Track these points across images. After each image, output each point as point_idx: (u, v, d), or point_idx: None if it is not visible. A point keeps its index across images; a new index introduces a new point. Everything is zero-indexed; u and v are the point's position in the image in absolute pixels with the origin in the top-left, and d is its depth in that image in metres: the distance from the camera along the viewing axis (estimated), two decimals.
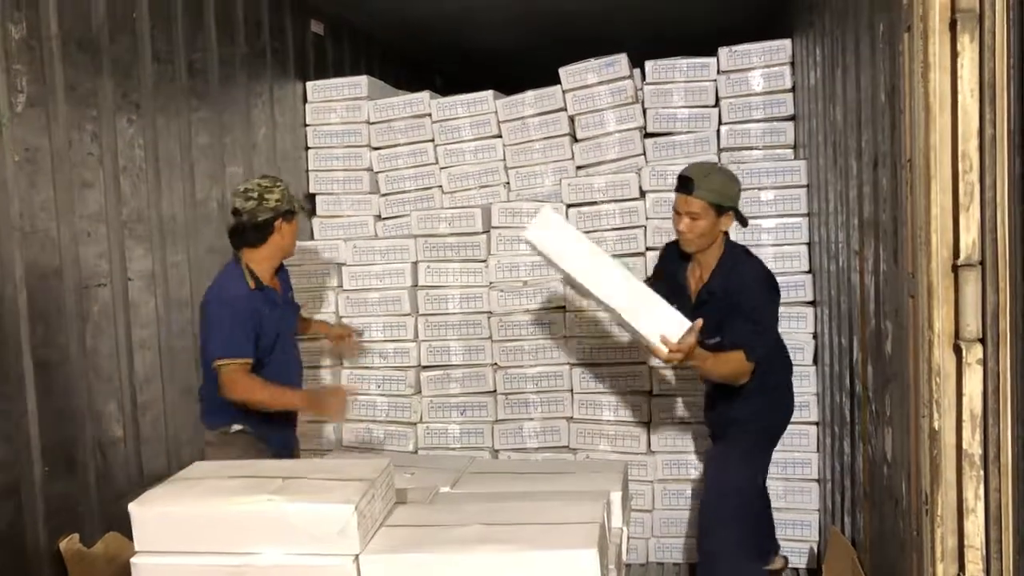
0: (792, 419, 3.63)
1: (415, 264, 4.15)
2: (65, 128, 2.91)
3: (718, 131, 4.08)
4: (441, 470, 3.06)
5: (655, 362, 3.73)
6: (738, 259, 3.12)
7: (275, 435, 3.16)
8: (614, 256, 3.90)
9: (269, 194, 3.07)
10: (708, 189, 2.99)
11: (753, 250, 3.81)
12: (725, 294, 3.04)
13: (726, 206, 3.04)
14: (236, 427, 3.07)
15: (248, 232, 3.08)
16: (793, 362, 3.61)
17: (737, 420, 3.15)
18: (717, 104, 4.10)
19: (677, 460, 3.85)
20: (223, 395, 2.98)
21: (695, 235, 3.04)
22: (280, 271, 3.26)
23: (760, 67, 4.05)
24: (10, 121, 2.68)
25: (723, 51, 4.07)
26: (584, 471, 3.14)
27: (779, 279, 3.76)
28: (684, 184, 3.02)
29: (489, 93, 4.32)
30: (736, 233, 3.84)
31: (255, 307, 3.05)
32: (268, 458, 3.04)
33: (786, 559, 3.72)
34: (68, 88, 2.92)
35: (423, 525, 2.30)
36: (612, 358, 3.93)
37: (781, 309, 3.76)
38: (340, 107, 4.46)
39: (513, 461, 3.91)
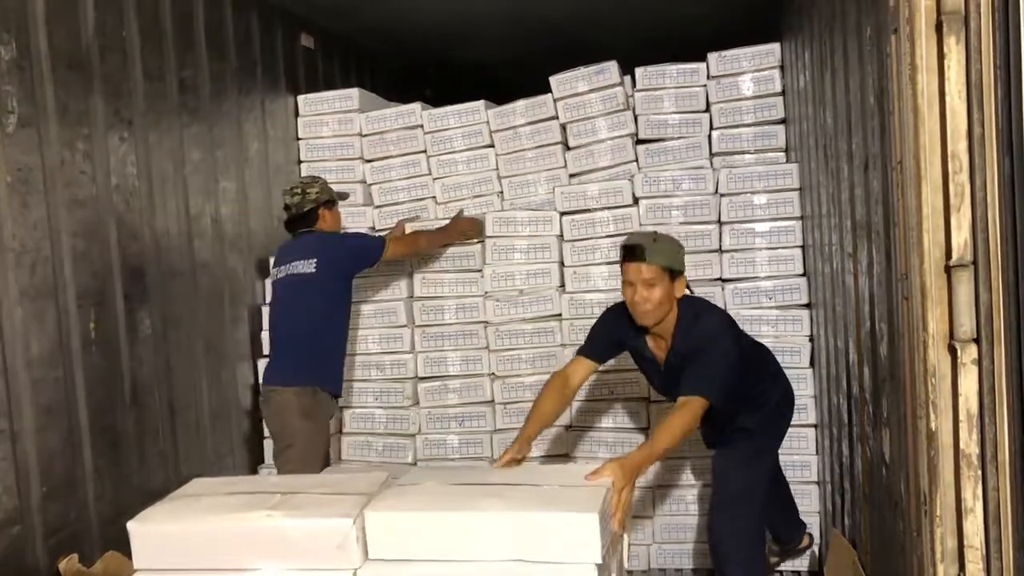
0: (791, 422, 3.65)
1: (410, 275, 4.15)
2: (57, 147, 2.91)
3: (709, 136, 4.09)
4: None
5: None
6: (698, 312, 2.93)
7: (340, 383, 3.70)
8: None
9: (310, 188, 3.69)
10: (658, 253, 2.79)
11: (747, 253, 3.86)
12: (692, 352, 2.84)
13: (677, 270, 2.85)
14: (320, 389, 3.53)
15: (298, 220, 3.69)
16: (790, 365, 3.64)
17: (740, 429, 3.13)
18: (708, 109, 4.11)
19: (677, 466, 3.85)
20: (412, 250, 3.90)
21: (653, 305, 2.81)
22: None
23: (750, 71, 4.06)
24: (1, 142, 2.68)
25: (712, 56, 4.09)
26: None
27: (774, 283, 3.82)
28: (632, 252, 2.79)
29: (480, 103, 4.33)
30: (730, 237, 3.87)
31: None
32: (334, 412, 3.72)
33: (811, 535, 3.70)
34: (59, 107, 2.92)
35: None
36: (609, 365, 3.91)
37: (777, 312, 3.79)
38: (332, 120, 4.46)
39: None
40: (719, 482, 3.19)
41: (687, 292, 2.95)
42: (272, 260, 3.86)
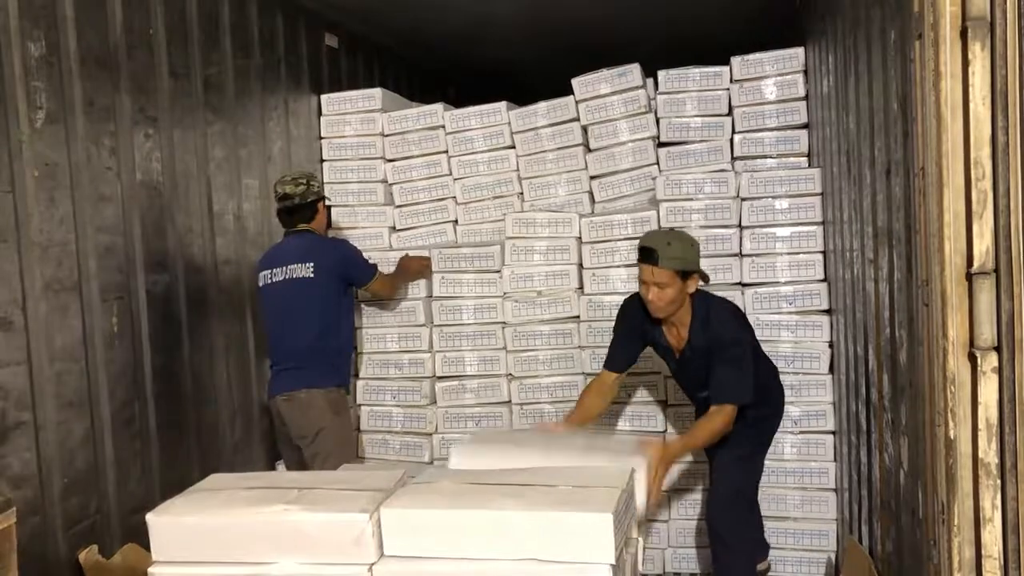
0: (809, 428, 3.68)
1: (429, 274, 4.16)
2: (83, 143, 2.95)
3: (731, 140, 4.08)
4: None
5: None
6: (710, 308, 3.13)
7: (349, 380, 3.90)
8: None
9: (313, 180, 3.74)
10: (671, 258, 2.99)
11: (768, 258, 3.84)
12: (707, 345, 3.09)
13: (690, 270, 3.05)
14: (342, 387, 3.71)
15: (301, 210, 3.69)
16: (809, 371, 3.65)
17: (745, 425, 3.17)
18: (730, 113, 4.10)
19: (693, 470, 3.84)
20: (386, 294, 4.03)
21: (664, 303, 3.06)
22: None
23: (773, 75, 4.05)
24: (29, 137, 2.72)
25: (736, 60, 4.07)
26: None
27: (794, 288, 3.80)
28: (647, 255, 3.01)
29: (502, 104, 4.34)
30: (751, 242, 3.85)
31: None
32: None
33: (770, 564, 3.74)
34: (86, 104, 2.96)
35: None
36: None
37: (797, 318, 3.77)
38: (354, 119, 4.49)
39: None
40: (720, 476, 3.31)
41: (700, 285, 3.13)
42: (259, 263, 3.75)
